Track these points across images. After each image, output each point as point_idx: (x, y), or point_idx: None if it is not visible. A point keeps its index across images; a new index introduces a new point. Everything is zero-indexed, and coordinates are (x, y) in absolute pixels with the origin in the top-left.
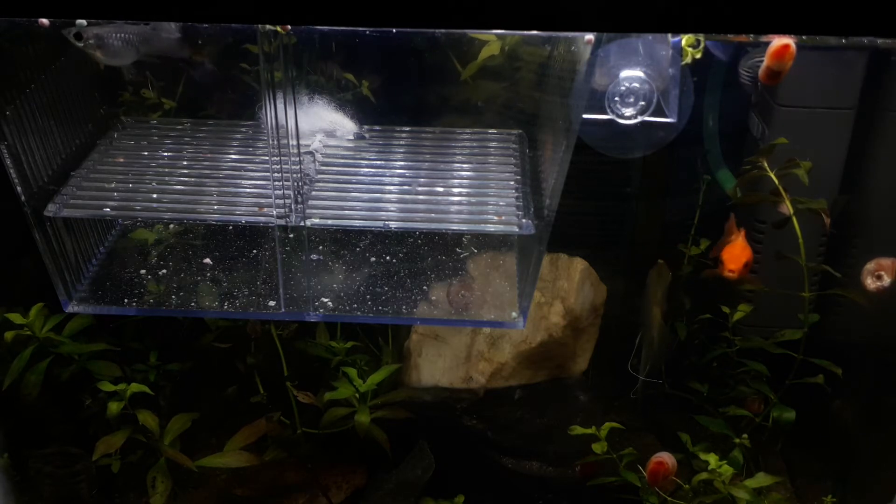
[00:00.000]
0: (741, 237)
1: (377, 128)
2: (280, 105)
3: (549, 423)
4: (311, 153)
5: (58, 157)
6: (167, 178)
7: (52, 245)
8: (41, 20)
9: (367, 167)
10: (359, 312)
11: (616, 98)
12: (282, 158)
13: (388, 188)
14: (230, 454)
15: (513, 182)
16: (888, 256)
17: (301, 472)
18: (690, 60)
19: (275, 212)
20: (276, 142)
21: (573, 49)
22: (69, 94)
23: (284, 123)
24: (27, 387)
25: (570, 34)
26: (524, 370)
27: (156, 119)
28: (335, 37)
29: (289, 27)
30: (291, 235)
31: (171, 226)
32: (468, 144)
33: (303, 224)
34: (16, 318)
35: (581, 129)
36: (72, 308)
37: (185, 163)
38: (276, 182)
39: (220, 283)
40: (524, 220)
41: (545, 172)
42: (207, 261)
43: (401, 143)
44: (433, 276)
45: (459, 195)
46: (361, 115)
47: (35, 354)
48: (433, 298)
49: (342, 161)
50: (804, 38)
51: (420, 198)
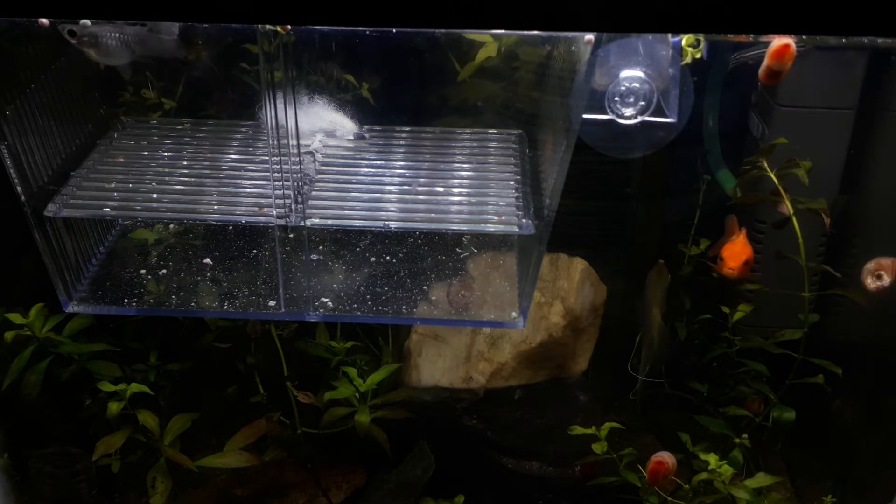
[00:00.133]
0: (742, 236)
1: (377, 128)
2: (280, 105)
3: (549, 423)
4: (311, 153)
5: (58, 157)
6: (167, 178)
7: (52, 245)
8: (41, 20)
9: (367, 167)
10: (359, 312)
11: (616, 98)
12: (282, 158)
13: (388, 188)
14: (230, 454)
15: (513, 182)
16: (888, 256)
17: (301, 472)
18: (690, 60)
19: (275, 212)
20: (276, 142)
21: (573, 49)
22: (69, 94)
23: (284, 123)
24: (27, 387)
25: (570, 34)
26: (524, 370)
27: (156, 119)
28: (335, 37)
29: (289, 27)
30: (291, 235)
31: (171, 226)
32: (468, 144)
33: (303, 224)
34: (16, 318)
35: (581, 129)
36: (72, 308)
37: (185, 163)
38: (276, 182)
39: (220, 283)
40: (524, 220)
41: (545, 172)
42: (207, 261)
43: (401, 143)
44: (433, 276)
45: (459, 195)
46: (361, 115)
47: (35, 354)
48: (433, 298)
49: (342, 161)
50: (804, 38)
51: (420, 198)
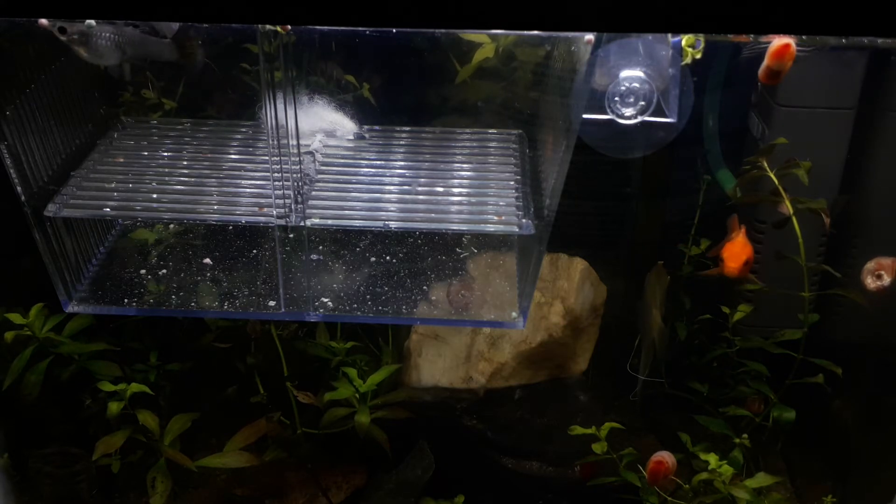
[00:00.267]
0: (741, 235)
1: (377, 128)
2: (280, 105)
3: (549, 423)
4: (311, 153)
5: (58, 157)
6: (167, 178)
7: (52, 245)
8: (41, 21)
9: (367, 167)
10: (359, 312)
11: (616, 98)
12: (282, 158)
13: (388, 188)
14: (230, 454)
15: (513, 182)
16: (888, 256)
17: (301, 472)
18: (690, 60)
19: (275, 212)
20: (276, 142)
21: (573, 49)
22: (69, 94)
23: (284, 123)
24: (27, 387)
25: (570, 34)
26: (524, 370)
27: (156, 119)
28: (335, 37)
29: (289, 27)
30: (291, 235)
31: (171, 226)
32: (468, 144)
33: (303, 224)
34: (16, 318)
35: (581, 129)
36: (72, 308)
37: (185, 163)
38: (276, 182)
39: (220, 283)
40: (524, 220)
41: (545, 172)
42: (207, 261)
43: (401, 143)
44: (433, 276)
45: (459, 195)
46: (361, 115)
47: (35, 354)
48: (433, 298)
49: (342, 161)
50: (804, 38)
51: (420, 198)
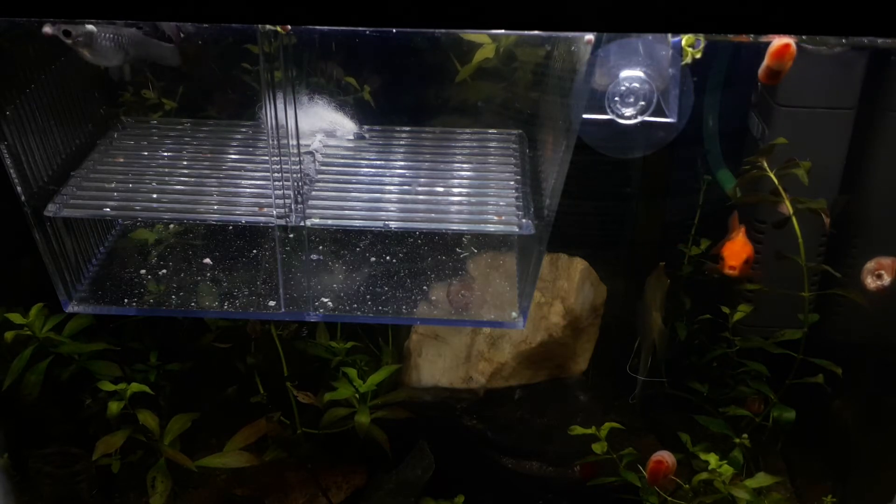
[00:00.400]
0: (741, 234)
1: (377, 128)
2: (280, 105)
3: (549, 423)
4: (311, 153)
5: (58, 157)
6: (167, 178)
7: (52, 245)
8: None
9: (367, 167)
10: (359, 312)
11: (616, 98)
12: (282, 158)
13: (388, 188)
14: (230, 454)
15: (513, 182)
16: (888, 256)
17: (301, 472)
18: (690, 60)
19: (275, 212)
20: (276, 142)
21: (573, 49)
22: (69, 94)
23: (284, 123)
24: (27, 387)
25: (570, 34)
26: (524, 370)
27: (156, 119)
28: (335, 37)
29: (289, 27)
30: (291, 235)
31: (171, 226)
32: (468, 144)
33: (303, 224)
34: (16, 318)
35: (581, 129)
36: (72, 308)
37: (185, 163)
38: (276, 182)
39: (220, 283)
40: (524, 220)
41: (545, 172)
42: (207, 261)
43: (401, 143)
44: (433, 276)
45: (459, 195)
46: (361, 115)
47: (35, 354)
48: (433, 298)
49: (342, 161)
50: (804, 38)
51: (420, 198)
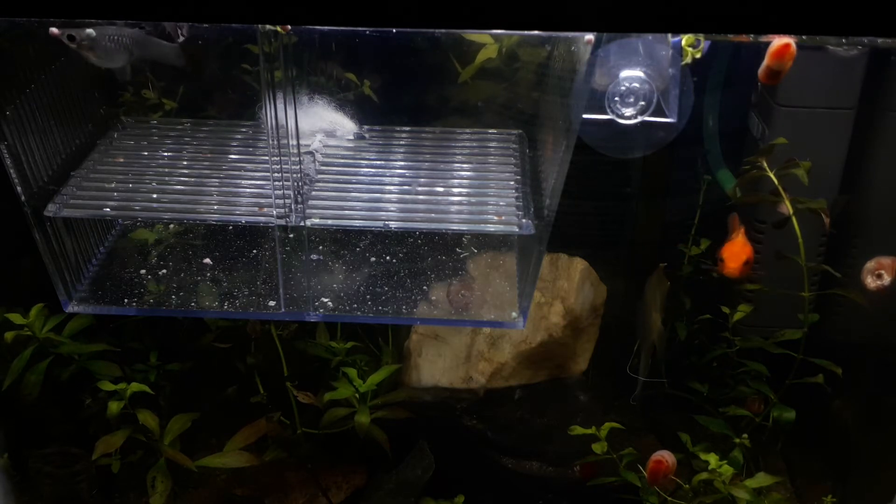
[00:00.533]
0: (741, 234)
1: (377, 128)
2: (280, 105)
3: (549, 423)
4: (311, 153)
5: (58, 157)
6: (167, 178)
7: (52, 245)
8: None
9: (367, 167)
10: (359, 312)
11: (616, 98)
12: (282, 158)
13: (388, 188)
14: (230, 454)
15: (513, 182)
16: (888, 256)
17: (301, 472)
18: (690, 60)
19: (275, 212)
20: (276, 142)
21: (573, 49)
22: (69, 94)
23: (284, 123)
24: (27, 387)
25: (570, 34)
26: (524, 370)
27: (156, 119)
28: (335, 37)
29: (289, 27)
30: (291, 235)
31: (171, 226)
32: (468, 144)
33: (303, 224)
34: (16, 318)
35: (581, 129)
36: (72, 308)
37: (185, 163)
38: (276, 182)
39: (220, 283)
40: (524, 220)
41: (545, 172)
42: (207, 261)
43: (401, 143)
44: (433, 276)
45: (459, 195)
46: (361, 115)
47: (35, 354)
48: (433, 298)
49: (342, 161)
50: (804, 38)
51: (420, 198)
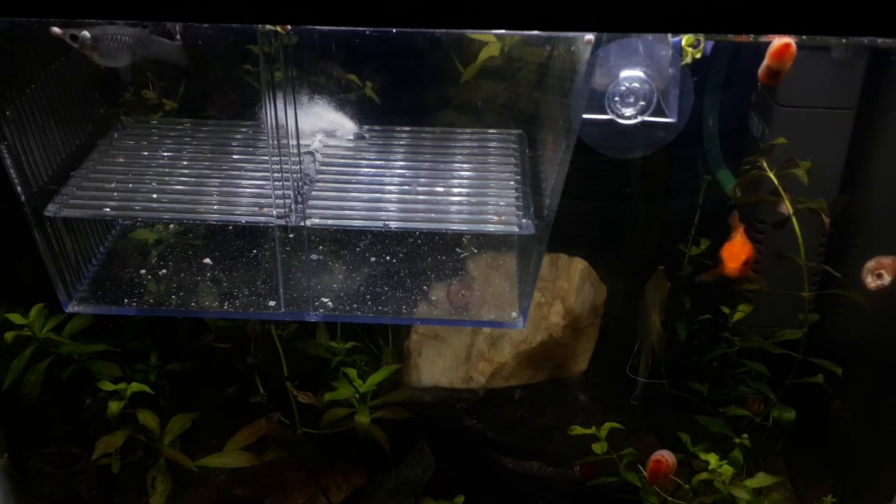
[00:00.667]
0: (740, 234)
1: (377, 128)
2: (280, 105)
3: (549, 423)
4: (311, 153)
5: (58, 157)
6: (167, 178)
7: (52, 245)
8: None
9: (367, 167)
10: (359, 312)
11: (616, 98)
12: (282, 158)
13: (388, 188)
14: (230, 454)
15: (513, 182)
16: (888, 256)
17: (301, 472)
18: (690, 60)
19: (275, 212)
20: (276, 142)
21: (573, 49)
22: (69, 94)
23: (284, 123)
24: (27, 387)
25: (570, 34)
26: (524, 370)
27: (156, 119)
28: (335, 37)
29: (289, 27)
30: (291, 235)
31: (171, 226)
32: (468, 144)
33: (303, 224)
34: (16, 318)
35: (581, 129)
36: (72, 308)
37: (185, 163)
38: (276, 182)
39: (220, 283)
40: (524, 220)
41: (545, 172)
42: (207, 261)
43: (401, 143)
44: (433, 276)
45: (459, 195)
46: (361, 115)
47: (35, 354)
48: (433, 298)
49: (342, 161)
50: (804, 38)
51: (420, 198)
